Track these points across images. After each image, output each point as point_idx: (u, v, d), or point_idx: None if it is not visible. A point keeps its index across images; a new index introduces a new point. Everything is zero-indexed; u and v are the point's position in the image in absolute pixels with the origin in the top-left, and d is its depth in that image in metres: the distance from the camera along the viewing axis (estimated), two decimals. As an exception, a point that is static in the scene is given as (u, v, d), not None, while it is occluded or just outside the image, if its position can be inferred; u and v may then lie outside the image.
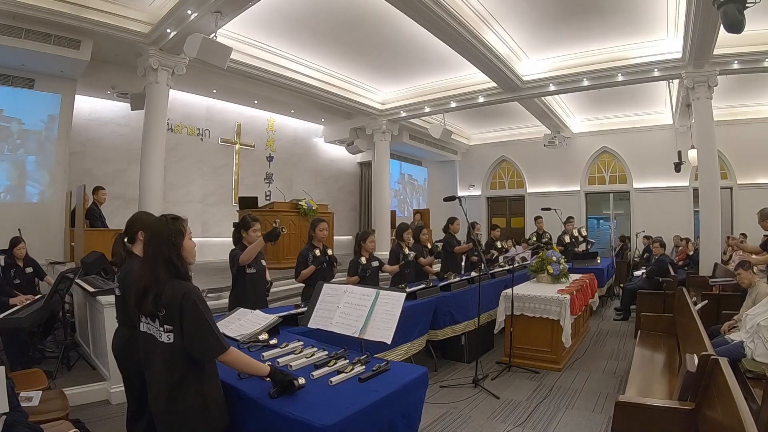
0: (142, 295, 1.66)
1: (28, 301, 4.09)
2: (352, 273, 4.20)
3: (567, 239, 7.60)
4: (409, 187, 14.05)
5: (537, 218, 7.81)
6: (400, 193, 13.53)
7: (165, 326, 1.63)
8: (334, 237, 8.40)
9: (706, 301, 4.68)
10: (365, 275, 4.15)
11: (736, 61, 6.53)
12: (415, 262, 4.95)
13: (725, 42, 5.99)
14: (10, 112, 6.42)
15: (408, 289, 3.83)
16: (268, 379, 1.71)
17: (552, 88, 7.98)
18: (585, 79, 7.59)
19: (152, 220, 1.80)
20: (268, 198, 10.22)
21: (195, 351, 1.62)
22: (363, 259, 4.24)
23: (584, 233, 8.41)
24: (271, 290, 3.81)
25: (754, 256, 4.99)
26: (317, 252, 3.98)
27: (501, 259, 6.71)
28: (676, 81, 7.91)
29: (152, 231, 1.75)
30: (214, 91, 8.91)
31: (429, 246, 5.63)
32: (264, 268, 3.60)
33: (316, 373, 1.89)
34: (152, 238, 1.72)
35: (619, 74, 7.32)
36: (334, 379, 1.83)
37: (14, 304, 4.07)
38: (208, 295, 4.95)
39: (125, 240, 2.41)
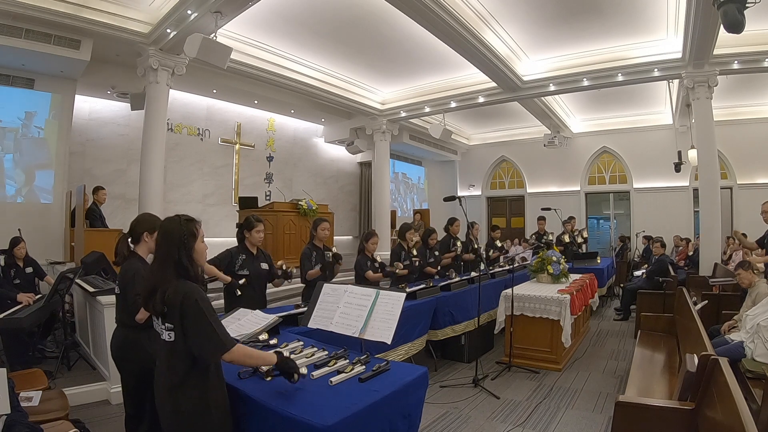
0: (149, 294, 1.66)
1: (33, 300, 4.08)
2: (373, 270, 4.26)
3: (567, 239, 7.60)
4: (403, 185, 13.89)
5: (539, 219, 7.81)
6: (393, 192, 13.31)
7: (166, 324, 1.64)
8: (334, 237, 8.39)
9: (706, 301, 4.67)
10: (384, 269, 4.26)
11: (736, 61, 6.53)
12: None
13: (725, 42, 5.99)
14: (11, 113, 6.41)
15: (408, 289, 3.83)
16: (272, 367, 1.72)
17: (552, 88, 7.98)
18: (585, 79, 7.59)
19: (165, 219, 1.79)
20: (268, 198, 10.21)
21: (197, 350, 1.60)
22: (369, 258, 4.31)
23: (585, 235, 8.42)
24: (270, 290, 3.79)
25: (754, 255, 4.99)
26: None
27: (501, 259, 6.71)
28: (676, 81, 7.91)
29: (164, 230, 1.72)
30: (214, 91, 8.90)
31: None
32: (263, 272, 3.56)
33: (316, 373, 1.89)
34: (164, 238, 1.71)
35: (619, 74, 7.32)
36: (334, 379, 1.82)
37: (21, 301, 4.03)
38: (208, 295, 4.94)
39: (129, 240, 2.43)
